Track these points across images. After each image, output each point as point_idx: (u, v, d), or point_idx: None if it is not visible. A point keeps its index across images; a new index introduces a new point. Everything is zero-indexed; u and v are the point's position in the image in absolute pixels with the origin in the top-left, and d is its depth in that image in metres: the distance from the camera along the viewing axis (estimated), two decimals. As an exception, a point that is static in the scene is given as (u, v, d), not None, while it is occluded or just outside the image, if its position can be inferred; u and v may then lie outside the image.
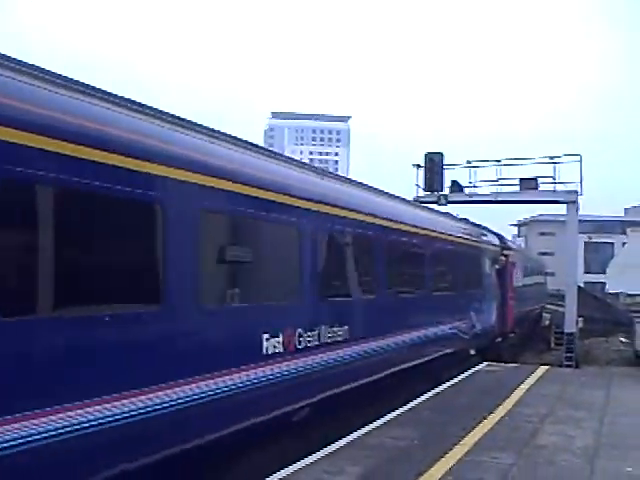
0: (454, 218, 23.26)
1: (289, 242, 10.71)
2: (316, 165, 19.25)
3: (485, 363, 20.79)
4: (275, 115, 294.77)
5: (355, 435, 11.08)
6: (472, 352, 21.51)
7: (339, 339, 11.72)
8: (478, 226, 25.24)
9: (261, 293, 9.83)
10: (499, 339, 26.11)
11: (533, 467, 9.71)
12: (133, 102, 8.00)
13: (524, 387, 16.73)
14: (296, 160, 12.99)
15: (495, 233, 28.04)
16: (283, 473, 8.99)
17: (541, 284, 41.43)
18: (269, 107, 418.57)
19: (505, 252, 27.73)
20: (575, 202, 27.02)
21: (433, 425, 12.21)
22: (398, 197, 17.32)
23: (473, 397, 15.24)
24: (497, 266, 25.99)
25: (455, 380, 17.33)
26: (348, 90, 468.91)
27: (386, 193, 16.08)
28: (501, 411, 13.58)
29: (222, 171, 8.83)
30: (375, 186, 15.49)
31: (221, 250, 8.83)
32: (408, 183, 28.17)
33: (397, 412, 13.07)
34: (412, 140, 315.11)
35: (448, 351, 18.60)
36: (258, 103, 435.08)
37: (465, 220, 24.26)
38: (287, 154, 16.76)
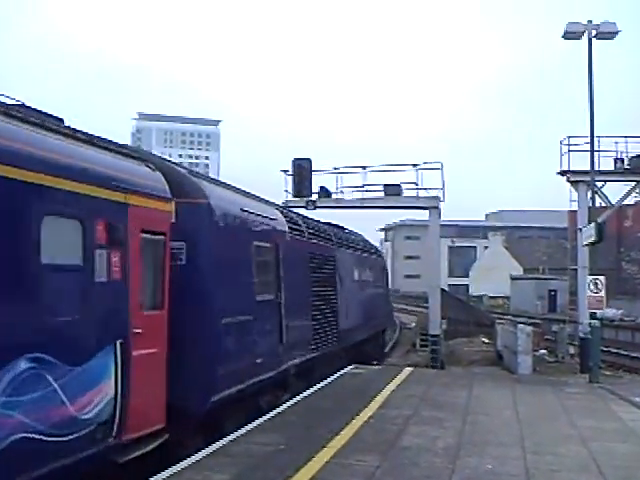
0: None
1: None
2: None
3: (352, 365, 21.00)
4: (142, 116, 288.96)
5: (220, 443, 10.91)
6: None
7: None
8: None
9: None
10: None
11: (397, 469, 9.85)
12: None
13: (390, 389, 17.00)
14: None
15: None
16: (146, 485, 8.75)
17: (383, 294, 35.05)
18: (136, 108, 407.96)
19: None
20: (437, 207, 27.88)
21: (300, 429, 12.21)
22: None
23: (340, 400, 15.34)
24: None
25: (322, 383, 17.41)
26: (219, 94, 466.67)
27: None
28: (367, 413, 13.73)
29: None
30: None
31: None
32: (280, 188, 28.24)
33: (264, 418, 12.97)
34: (286, 144, 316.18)
35: None
36: (124, 103, 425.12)
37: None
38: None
